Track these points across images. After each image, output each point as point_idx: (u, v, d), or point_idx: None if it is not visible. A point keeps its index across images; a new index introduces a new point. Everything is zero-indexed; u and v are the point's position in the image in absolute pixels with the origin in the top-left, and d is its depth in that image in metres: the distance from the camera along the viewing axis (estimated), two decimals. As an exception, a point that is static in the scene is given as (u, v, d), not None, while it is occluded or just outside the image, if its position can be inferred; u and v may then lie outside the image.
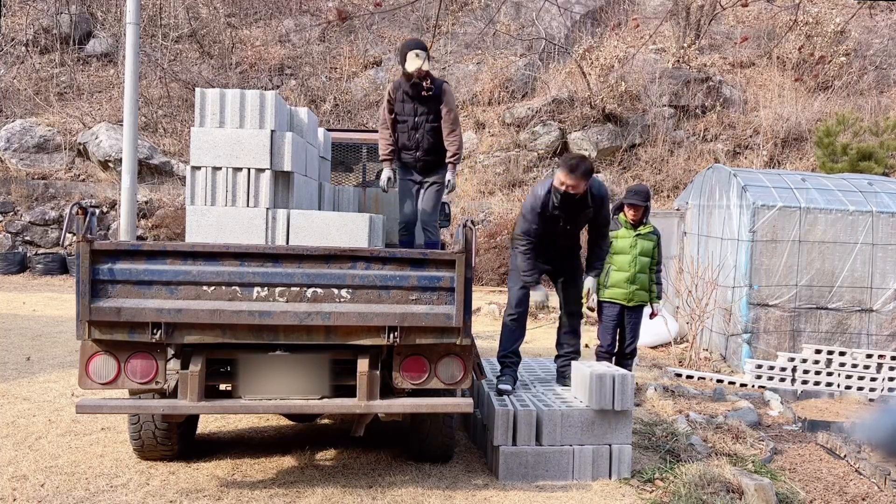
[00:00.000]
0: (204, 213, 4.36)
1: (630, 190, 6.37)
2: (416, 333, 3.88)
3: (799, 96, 18.38)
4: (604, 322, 6.23)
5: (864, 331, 8.52)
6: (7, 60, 17.91)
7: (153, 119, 17.02)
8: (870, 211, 8.53)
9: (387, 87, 5.51)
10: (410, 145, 5.43)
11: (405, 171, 5.58)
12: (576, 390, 4.87)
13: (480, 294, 12.53)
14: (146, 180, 15.30)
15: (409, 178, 5.57)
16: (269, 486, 4.19)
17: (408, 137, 5.42)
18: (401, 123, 5.42)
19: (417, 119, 5.35)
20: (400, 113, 5.40)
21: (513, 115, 17.88)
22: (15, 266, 14.49)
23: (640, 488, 4.41)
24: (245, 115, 4.43)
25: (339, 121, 17.90)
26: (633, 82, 18.16)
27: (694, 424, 5.76)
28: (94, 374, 3.80)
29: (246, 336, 3.80)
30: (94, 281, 3.66)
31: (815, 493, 4.63)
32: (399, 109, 5.40)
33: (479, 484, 4.35)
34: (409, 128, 5.39)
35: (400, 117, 5.41)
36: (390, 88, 5.43)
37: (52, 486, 4.07)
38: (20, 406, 5.61)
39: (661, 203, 16.56)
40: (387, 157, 5.51)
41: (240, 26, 19.80)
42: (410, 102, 5.34)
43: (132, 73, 8.45)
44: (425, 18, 19.93)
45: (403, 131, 5.43)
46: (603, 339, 6.20)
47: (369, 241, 4.35)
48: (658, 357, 9.10)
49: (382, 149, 5.51)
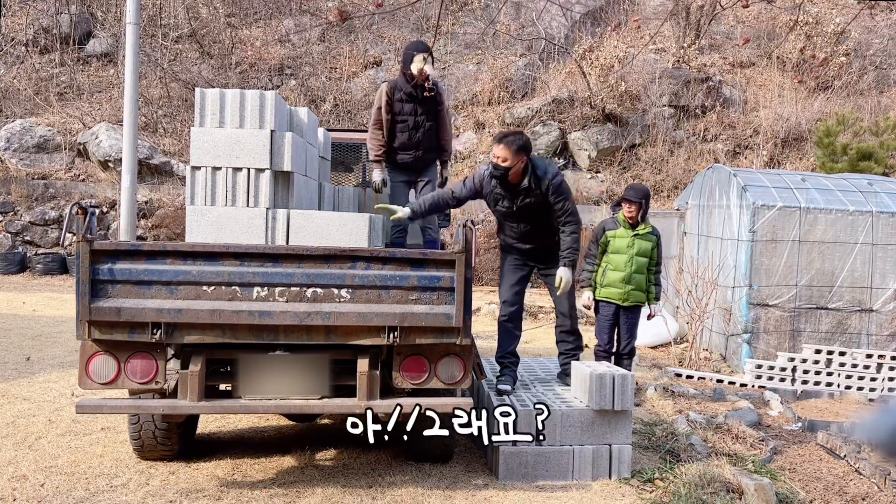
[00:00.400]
0: (204, 213, 4.35)
1: (628, 187, 6.38)
2: (416, 333, 3.88)
3: (799, 96, 18.38)
4: (599, 321, 6.24)
5: (864, 331, 8.52)
6: (7, 60, 17.92)
7: (153, 119, 17.02)
8: (870, 211, 8.53)
9: (380, 88, 5.51)
10: (411, 144, 5.46)
11: (397, 173, 5.60)
12: (576, 390, 4.87)
13: (480, 294, 12.53)
14: (146, 180, 15.30)
15: (401, 180, 5.60)
16: (269, 486, 4.19)
17: (409, 137, 5.44)
18: (400, 123, 5.43)
19: (419, 119, 5.40)
20: (400, 113, 5.41)
21: (513, 115, 17.87)
22: (15, 266, 14.48)
23: (640, 488, 4.41)
24: (245, 115, 4.43)
25: (339, 121, 17.90)
26: (633, 82, 18.15)
27: (694, 424, 5.76)
28: (94, 374, 3.80)
29: (246, 336, 3.81)
30: (94, 281, 3.66)
31: (815, 493, 4.63)
32: (399, 109, 5.41)
33: (479, 484, 4.36)
34: (410, 127, 5.41)
35: (400, 117, 5.42)
36: (386, 89, 5.43)
37: (52, 486, 4.07)
38: (20, 406, 5.61)
39: (661, 203, 16.56)
40: (379, 158, 5.52)
41: (240, 26, 19.79)
42: (411, 103, 5.38)
43: (132, 73, 8.45)
44: (425, 18, 19.93)
45: (404, 131, 5.44)
46: (600, 339, 6.22)
47: (369, 241, 4.35)
48: (658, 357, 9.10)
49: (375, 149, 5.51)
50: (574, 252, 4.87)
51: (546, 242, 4.95)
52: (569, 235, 4.83)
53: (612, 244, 6.15)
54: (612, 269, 6.13)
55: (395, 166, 5.58)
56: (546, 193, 4.70)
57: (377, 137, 5.48)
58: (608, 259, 6.17)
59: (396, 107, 5.40)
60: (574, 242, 4.85)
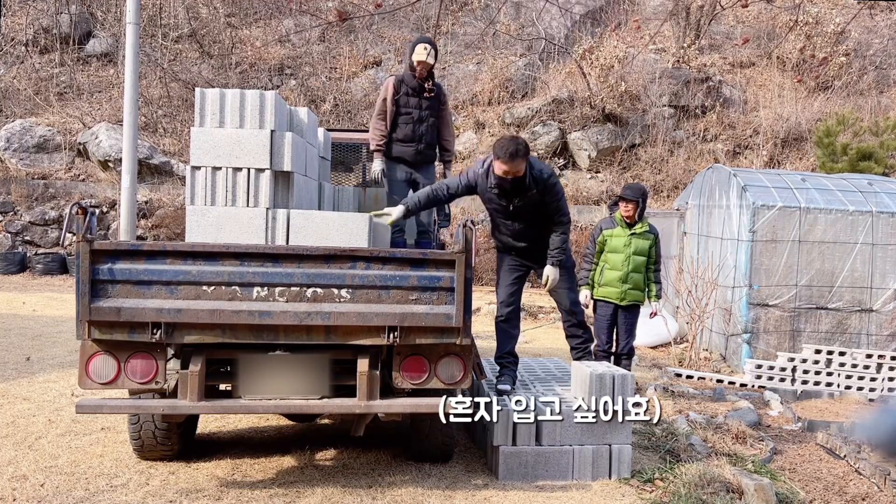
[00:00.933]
0: (204, 213, 4.35)
1: (625, 186, 6.39)
2: (415, 333, 3.88)
3: (799, 96, 18.37)
4: (597, 321, 6.25)
5: (863, 331, 8.52)
6: (7, 60, 17.92)
7: (153, 119, 17.02)
8: (870, 211, 8.53)
9: (386, 80, 5.59)
10: (414, 137, 5.55)
11: (395, 167, 5.61)
12: (576, 390, 4.87)
13: (480, 294, 12.52)
14: (146, 180, 15.30)
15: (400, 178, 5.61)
16: (269, 486, 4.19)
17: (412, 130, 5.53)
18: (404, 115, 5.52)
19: (422, 113, 5.52)
20: (405, 105, 5.52)
21: (513, 115, 17.87)
22: (15, 266, 14.48)
23: (640, 488, 4.41)
24: (245, 115, 4.43)
25: (339, 121, 17.90)
26: (633, 82, 18.15)
27: (694, 424, 5.77)
28: (94, 374, 3.80)
29: (246, 336, 3.80)
30: (93, 281, 3.66)
31: (815, 493, 4.63)
32: (404, 102, 5.52)
33: (479, 484, 4.36)
34: (414, 120, 5.52)
35: (404, 109, 5.52)
36: (393, 82, 5.51)
37: (52, 486, 4.07)
38: (20, 406, 5.61)
39: (661, 203, 16.56)
40: (380, 148, 5.55)
41: (240, 26, 19.80)
42: (415, 97, 5.50)
43: (132, 73, 8.44)
44: (425, 18, 19.93)
45: (407, 123, 5.53)
46: (598, 339, 6.21)
47: (369, 241, 4.35)
48: (658, 357, 9.10)
49: (377, 139, 5.55)
50: (562, 252, 4.91)
51: (540, 241, 4.95)
52: (558, 235, 4.88)
53: (609, 243, 6.16)
54: (609, 269, 6.14)
55: (394, 159, 5.60)
56: (543, 192, 4.71)
57: (380, 128, 5.55)
58: (605, 258, 6.17)
59: (402, 100, 5.50)
60: (563, 243, 4.91)
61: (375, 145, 5.57)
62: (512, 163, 4.51)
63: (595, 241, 6.27)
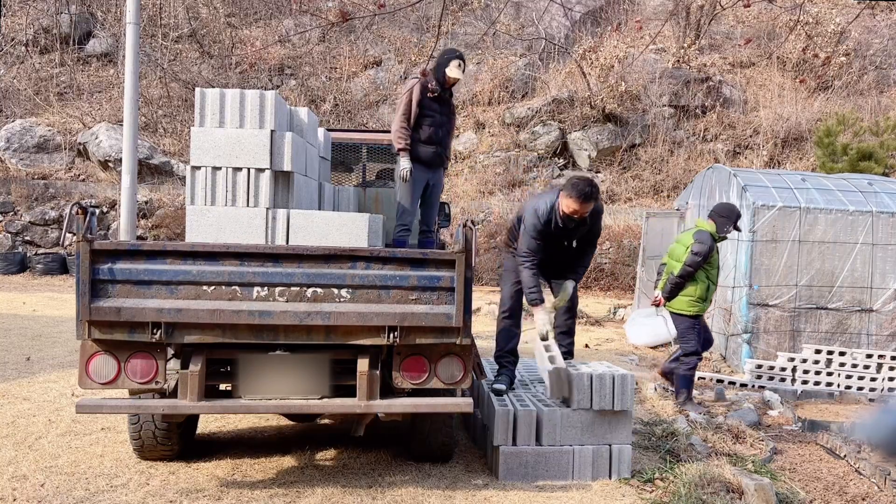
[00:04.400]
0: (204, 213, 4.35)
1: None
2: (416, 333, 3.87)
3: (799, 96, 18.38)
4: (696, 332, 6.51)
5: (864, 331, 8.51)
6: (7, 60, 17.92)
7: (153, 119, 17.03)
8: (870, 211, 8.53)
9: (410, 83, 5.70)
10: (435, 140, 5.70)
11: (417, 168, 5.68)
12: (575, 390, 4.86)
13: (480, 294, 12.53)
14: (146, 180, 15.31)
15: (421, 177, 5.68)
16: (269, 486, 4.19)
17: (434, 132, 5.67)
18: (428, 118, 5.65)
19: (442, 118, 5.72)
20: (428, 108, 5.65)
21: (513, 115, 17.88)
22: (15, 266, 14.49)
23: (640, 488, 4.41)
24: (245, 115, 4.43)
25: (339, 121, 17.91)
26: (633, 82, 18.16)
27: (694, 424, 5.77)
28: (94, 373, 3.80)
29: (246, 336, 3.80)
30: (93, 281, 3.66)
31: (815, 493, 4.63)
32: (427, 104, 5.65)
33: (479, 484, 4.36)
34: (436, 124, 5.67)
35: (428, 112, 5.65)
36: (418, 85, 5.60)
37: (52, 486, 4.07)
38: (20, 406, 5.61)
39: (662, 203, 16.56)
40: (407, 148, 5.60)
41: (240, 26, 19.80)
42: (437, 103, 5.68)
43: (132, 73, 8.45)
44: (425, 18, 19.94)
45: (430, 125, 5.65)
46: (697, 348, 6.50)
47: (369, 241, 4.35)
48: (658, 357, 9.10)
49: (404, 139, 5.58)
50: (586, 269, 5.20)
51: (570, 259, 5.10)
52: (589, 255, 5.14)
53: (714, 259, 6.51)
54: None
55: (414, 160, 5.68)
56: (593, 220, 4.91)
57: (406, 127, 5.65)
58: (710, 274, 6.51)
59: (426, 102, 5.63)
60: (589, 261, 5.19)
61: (405, 144, 5.62)
62: (585, 204, 4.66)
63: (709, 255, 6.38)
